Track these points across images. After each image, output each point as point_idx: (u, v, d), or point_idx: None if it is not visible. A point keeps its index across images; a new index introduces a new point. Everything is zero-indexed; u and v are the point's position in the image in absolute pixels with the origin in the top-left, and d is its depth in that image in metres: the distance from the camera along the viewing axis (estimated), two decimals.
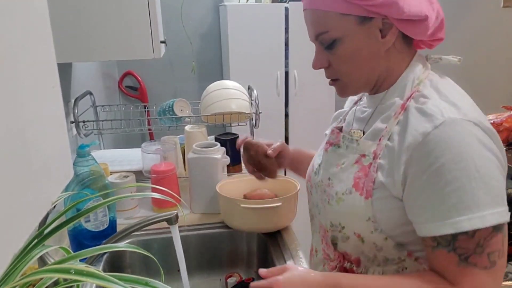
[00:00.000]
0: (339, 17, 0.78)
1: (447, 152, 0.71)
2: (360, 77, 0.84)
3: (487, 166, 0.71)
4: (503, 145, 0.77)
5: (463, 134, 0.71)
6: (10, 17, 0.45)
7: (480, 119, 0.75)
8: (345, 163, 0.86)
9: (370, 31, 0.79)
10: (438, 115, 0.73)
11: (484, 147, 0.72)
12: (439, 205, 0.72)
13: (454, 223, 0.71)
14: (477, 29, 3.27)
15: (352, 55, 0.81)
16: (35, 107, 0.50)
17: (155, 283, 0.52)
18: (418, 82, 0.81)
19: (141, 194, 1.21)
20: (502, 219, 0.71)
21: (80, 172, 1.11)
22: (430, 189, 0.73)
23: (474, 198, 0.70)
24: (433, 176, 0.72)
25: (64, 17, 1.19)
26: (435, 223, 0.72)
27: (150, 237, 1.29)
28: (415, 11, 0.77)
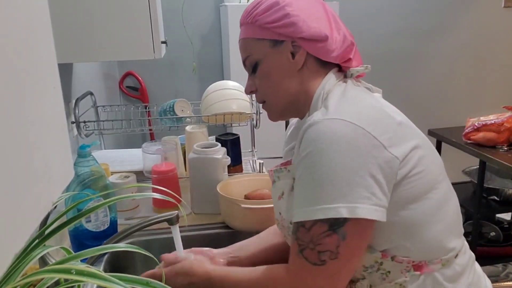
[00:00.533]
0: (256, 42, 0.90)
1: (304, 149, 0.77)
2: (278, 98, 0.92)
3: (333, 163, 0.73)
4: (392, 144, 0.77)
5: (320, 131, 0.75)
6: (11, 17, 0.45)
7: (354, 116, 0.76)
8: (284, 193, 0.91)
9: (282, 53, 0.88)
10: (308, 121, 0.79)
11: (340, 142, 0.74)
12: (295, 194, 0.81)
13: (295, 214, 0.78)
14: (478, 29, 3.27)
15: (269, 75, 0.91)
16: (36, 108, 0.50)
17: (155, 283, 0.52)
18: (326, 96, 0.86)
19: (142, 195, 1.20)
20: (338, 215, 0.72)
21: (81, 173, 1.11)
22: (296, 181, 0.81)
23: (308, 193, 0.76)
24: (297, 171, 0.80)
25: (65, 17, 1.19)
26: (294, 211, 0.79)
27: (151, 238, 1.29)
28: (315, 31, 0.85)
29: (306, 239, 0.76)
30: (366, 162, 0.73)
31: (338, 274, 0.77)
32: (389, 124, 0.79)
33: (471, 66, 3.36)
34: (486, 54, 3.34)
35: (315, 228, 0.75)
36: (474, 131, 2.37)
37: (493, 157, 2.18)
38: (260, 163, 1.69)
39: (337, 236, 0.74)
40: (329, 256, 0.75)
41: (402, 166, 0.77)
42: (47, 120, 0.54)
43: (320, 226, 0.74)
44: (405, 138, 0.79)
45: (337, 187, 0.73)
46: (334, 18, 0.91)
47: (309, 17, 0.86)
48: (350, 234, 0.74)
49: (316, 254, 0.75)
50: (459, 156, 2.47)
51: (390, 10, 3.15)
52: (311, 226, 0.75)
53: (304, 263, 0.76)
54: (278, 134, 2.86)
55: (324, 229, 0.74)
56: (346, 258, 0.76)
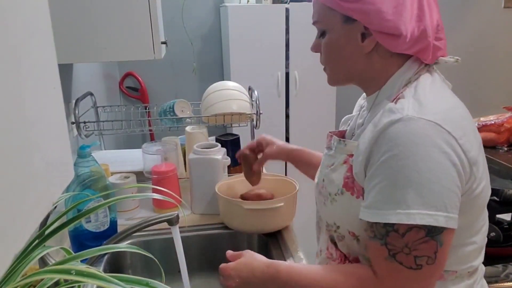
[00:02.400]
0: (328, 10, 0.84)
1: (394, 148, 0.73)
2: (339, 71, 0.89)
3: (432, 168, 0.71)
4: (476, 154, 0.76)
5: (415, 132, 0.72)
6: (11, 18, 0.45)
7: (447, 122, 0.73)
8: (334, 164, 0.88)
9: (351, 32, 0.83)
10: (398, 112, 0.74)
11: (437, 149, 0.71)
12: (376, 195, 0.75)
13: (383, 214, 0.74)
14: (478, 29, 3.27)
15: (332, 49, 0.87)
16: (36, 108, 0.50)
17: (155, 284, 0.52)
18: (406, 83, 0.82)
19: (142, 195, 1.21)
20: (436, 223, 0.71)
21: (81, 173, 1.11)
22: (374, 180, 0.76)
23: (405, 196, 0.71)
24: (378, 168, 0.75)
25: (65, 18, 1.19)
26: (369, 210, 0.76)
27: (151, 238, 1.29)
28: (387, 26, 0.78)
29: (399, 244, 0.73)
30: (456, 173, 0.73)
31: (430, 278, 0.76)
32: (475, 138, 0.79)
33: (471, 66, 3.35)
34: (486, 54, 3.34)
35: (411, 234, 0.72)
36: None
37: (493, 158, 2.18)
38: None
39: (435, 242, 0.73)
40: (427, 261, 0.73)
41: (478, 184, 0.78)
42: (47, 120, 0.54)
43: (416, 232, 0.72)
44: (479, 153, 0.79)
45: (437, 194, 0.71)
46: (421, 6, 0.80)
47: (388, 4, 0.77)
48: (445, 241, 0.74)
49: (412, 259, 0.73)
50: None
51: None
52: (406, 232, 0.72)
53: (398, 267, 0.74)
54: (278, 135, 2.87)
55: (421, 235, 0.72)
56: (441, 262, 0.75)
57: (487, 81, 3.40)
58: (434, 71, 0.85)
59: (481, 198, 0.80)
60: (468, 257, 0.84)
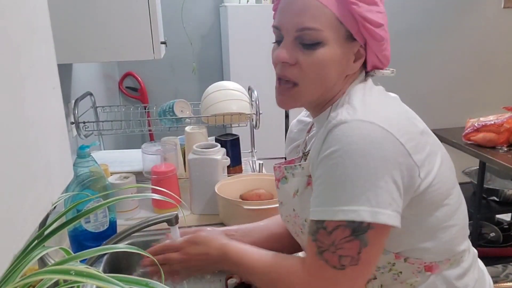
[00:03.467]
0: (335, 21, 0.77)
1: (329, 148, 0.74)
2: (315, 90, 0.83)
3: (359, 165, 0.71)
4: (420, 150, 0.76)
5: (350, 132, 0.73)
6: (11, 18, 0.45)
7: (382, 119, 0.73)
8: (299, 190, 0.87)
9: (349, 50, 0.81)
10: (333, 120, 0.76)
11: (369, 146, 0.71)
12: (314, 193, 0.77)
13: (314, 212, 0.75)
14: (477, 30, 3.27)
15: (326, 64, 0.79)
16: (35, 108, 0.50)
17: (155, 284, 0.52)
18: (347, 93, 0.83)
19: (142, 195, 1.21)
20: (358, 218, 0.70)
21: (81, 173, 1.11)
22: (316, 180, 0.77)
23: (336, 192, 0.72)
24: (318, 167, 0.77)
25: (65, 18, 1.19)
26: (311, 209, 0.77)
27: (151, 238, 1.29)
28: (387, 55, 0.84)
29: (326, 242, 0.73)
30: (391, 167, 0.72)
31: (356, 279, 0.75)
32: (414, 131, 0.78)
33: (470, 66, 3.36)
34: (486, 54, 3.34)
35: (337, 232, 0.72)
36: (474, 131, 2.37)
37: (493, 158, 2.18)
38: (260, 164, 1.69)
39: (359, 242, 0.72)
40: (350, 261, 0.73)
41: (425, 176, 0.76)
42: (47, 120, 0.54)
43: (342, 231, 0.72)
44: (426, 147, 0.78)
45: (360, 190, 0.71)
46: None
47: (388, 37, 0.83)
48: (371, 241, 0.72)
49: (336, 258, 0.73)
50: (459, 156, 2.46)
51: (390, 11, 3.14)
52: (333, 229, 0.73)
53: (323, 265, 0.74)
54: (278, 135, 2.87)
55: (346, 234, 0.72)
56: (366, 264, 0.74)
57: (487, 81, 3.40)
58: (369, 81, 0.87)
59: (443, 185, 0.80)
60: (454, 240, 0.84)
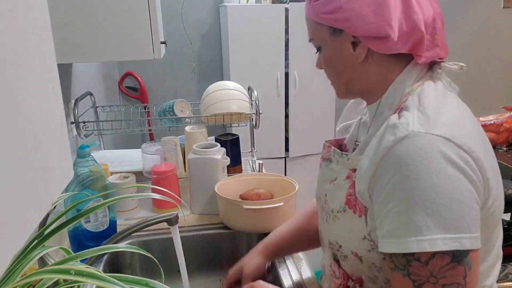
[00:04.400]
0: (316, 26, 0.84)
1: (404, 168, 0.67)
2: (340, 84, 0.87)
3: (450, 186, 0.65)
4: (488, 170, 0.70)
5: (424, 149, 0.66)
6: (10, 18, 0.45)
7: (457, 135, 0.68)
8: (337, 179, 0.84)
9: (342, 43, 0.81)
10: (403, 128, 0.69)
11: (451, 165, 0.66)
12: (392, 223, 0.69)
13: (403, 243, 0.67)
14: (477, 29, 3.27)
15: (329, 63, 0.86)
16: (35, 108, 0.50)
17: (155, 284, 0.52)
18: (408, 91, 0.78)
19: (141, 195, 1.21)
20: (461, 247, 0.65)
21: (80, 173, 1.11)
22: (387, 205, 0.70)
23: (426, 219, 0.65)
24: (390, 192, 0.69)
25: (65, 17, 1.19)
26: (387, 240, 0.70)
27: (150, 238, 1.29)
28: (371, 29, 0.75)
29: (424, 273, 0.67)
30: (473, 189, 0.68)
31: None
32: (487, 149, 0.74)
33: (470, 66, 3.35)
34: (486, 54, 3.34)
35: (435, 261, 0.66)
36: None
37: None
38: (260, 164, 1.69)
39: (463, 267, 0.66)
40: (457, 287, 0.67)
41: (494, 198, 0.73)
42: (47, 120, 0.54)
43: (440, 259, 0.66)
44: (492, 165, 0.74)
45: (458, 214, 0.65)
46: (407, 2, 0.76)
47: (367, 7, 0.74)
48: (473, 263, 0.67)
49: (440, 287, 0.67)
50: None
51: None
52: (429, 259, 0.66)
53: None
54: (278, 135, 2.87)
55: (446, 261, 0.66)
56: (471, 286, 0.68)
57: (487, 81, 3.40)
58: (437, 78, 0.81)
59: (496, 214, 0.75)
60: (481, 276, 0.78)
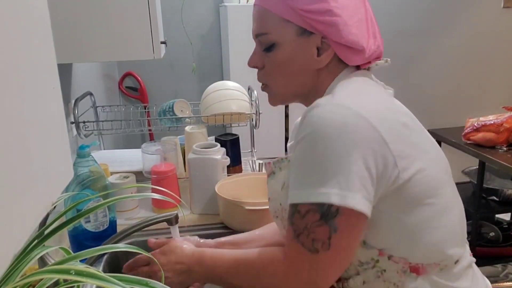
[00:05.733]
0: (280, 22, 0.80)
1: (307, 129, 0.74)
2: (287, 88, 0.87)
3: (330, 148, 0.71)
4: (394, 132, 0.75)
5: (323, 114, 0.73)
6: (10, 17, 0.45)
7: (360, 105, 0.73)
8: (285, 183, 0.86)
9: (307, 46, 0.81)
10: (314, 103, 0.76)
11: (341, 129, 0.71)
12: (291, 176, 0.77)
13: (291, 195, 0.76)
14: (477, 29, 3.27)
15: (285, 64, 0.83)
16: (35, 108, 0.50)
17: (155, 284, 0.52)
18: None
19: (141, 195, 1.21)
20: (327, 200, 0.70)
21: (80, 173, 1.11)
22: (292, 162, 0.78)
23: (303, 175, 0.73)
24: (294, 149, 0.77)
25: (64, 17, 1.19)
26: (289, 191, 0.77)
27: (150, 238, 1.29)
28: (353, 40, 0.79)
29: (301, 225, 0.74)
30: (364, 153, 0.71)
31: (330, 265, 0.75)
32: (394, 121, 0.77)
33: (470, 66, 3.36)
34: (486, 54, 3.34)
35: (309, 216, 0.73)
36: (473, 131, 2.37)
37: (492, 158, 2.18)
38: (260, 164, 1.69)
39: (328, 227, 0.72)
40: (322, 246, 0.73)
41: (403, 169, 0.75)
42: (47, 120, 0.54)
43: (313, 215, 0.72)
44: (408, 139, 0.77)
45: (331, 173, 0.71)
46: (372, 20, 0.82)
47: (351, 18, 0.78)
48: (341, 227, 0.72)
49: (310, 241, 0.74)
50: (458, 156, 2.47)
51: (389, 11, 3.15)
52: (305, 213, 0.73)
53: (300, 248, 0.75)
54: (278, 135, 2.87)
55: (316, 218, 0.72)
56: (338, 251, 0.74)
57: (486, 81, 3.40)
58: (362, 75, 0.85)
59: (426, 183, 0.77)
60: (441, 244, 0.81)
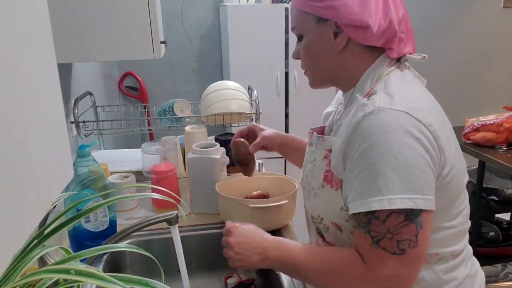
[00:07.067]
0: (302, 15, 0.90)
1: (369, 138, 0.76)
2: (316, 72, 0.94)
3: (407, 153, 0.75)
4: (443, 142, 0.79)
5: (387, 121, 0.76)
6: (11, 17, 0.45)
7: (416, 111, 0.77)
8: (316, 160, 0.93)
9: (324, 32, 0.88)
10: (371, 105, 0.79)
11: (409, 135, 0.75)
12: (357, 186, 0.78)
13: (366, 203, 0.77)
14: (477, 29, 3.27)
15: (309, 50, 0.92)
16: (35, 108, 0.50)
17: (155, 284, 0.52)
18: (377, 79, 0.86)
19: (141, 195, 1.21)
20: (416, 206, 0.74)
21: (80, 173, 1.11)
22: (354, 172, 0.79)
23: (386, 181, 0.75)
24: (357, 160, 0.78)
25: (64, 17, 1.19)
26: (354, 203, 0.79)
27: (150, 238, 1.29)
28: (355, 19, 0.83)
29: (381, 230, 0.77)
30: (429, 157, 0.77)
31: (415, 261, 0.79)
32: (446, 124, 0.84)
33: (470, 66, 3.36)
34: (485, 54, 3.34)
35: (391, 219, 0.76)
36: (473, 131, 2.37)
37: (492, 157, 2.18)
38: (260, 163, 1.69)
39: (415, 225, 0.76)
40: (409, 244, 0.76)
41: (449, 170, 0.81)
42: (46, 120, 0.54)
43: (396, 217, 0.75)
44: (453, 142, 0.84)
45: (413, 177, 0.75)
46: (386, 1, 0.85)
47: (352, 0, 0.83)
48: (425, 223, 0.77)
49: (395, 244, 0.76)
50: None
51: None
52: (387, 217, 0.76)
53: (382, 253, 0.78)
54: None
55: (401, 220, 0.75)
56: (424, 245, 0.78)
57: (486, 80, 3.40)
58: (404, 68, 0.90)
59: (454, 183, 0.83)
60: (448, 241, 0.87)
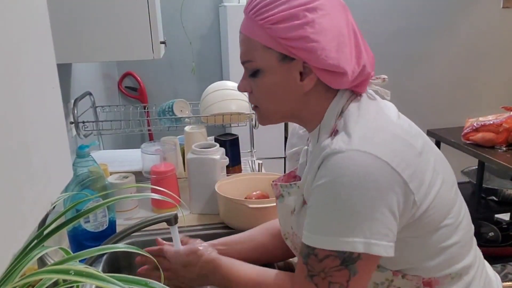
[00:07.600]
0: (263, 49, 0.80)
1: (324, 176, 0.75)
2: (276, 111, 0.87)
3: (354, 197, 0.71)
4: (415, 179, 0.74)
5: (343, 165, 0.73)
6: (10, 17, 0.45)
7: (379, 148, 0.73)
8: (296, 209, 0.88)
9: (289, 71, 0.81)
10: (331, 147, 0.75)
11: (364, 178, 0.71)
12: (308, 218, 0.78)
13: (309, 237, 0.76)
14: (477, 29, 3.27)
15: (270, 89, 0.84)
16: (34, 108, 0.50)
17: (154, 284, 0.52)
18: (339, 113, 0.82)
19: (141, 195, 1.21)
20: (353, 249, 0.71)
21: (80, 173, 1.11)
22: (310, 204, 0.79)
23: (325, 222, 0.74)
24: (313, 193, 0.77)
25: (64, 17, 1.19)
26: (305, 232, 0.78)
27: (150, 238, 1.29)
28: (333, 64, 0.77)
29: (317, 268, 0.75)
30: (388, 198, 0.72)
31: None
32: (411, 157, 0.76)
33: (470, 66, 3.36)
34: (485, 54, 3.34)
35: (328, 261, 0.73)
36: (473, 131, 2.37)
37: (491, 158, 2.18)
38: (259, 164, 1.69)
39: (348, 272, 0.73)
40: None
41: (420, 202, 0.76)
42: (46, 120, 0.54)
43: (332, 260, 0.73)
44: (425, 171, 0.77)
45: (355, 222, 0.71)
46: (357, 42, 0.81)
47: (331, 43, 0.77)
48: (361, 271, 0.73)
49: (326, 284, 0.74)
50: (458, 156, 2.47)
51: (389, 11, 3.15)
52: (324, 258, 0.74)
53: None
54: (277, 135, 2.87)
55: (336, 264, 0.73)
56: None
57: (486, 81, 3.40)
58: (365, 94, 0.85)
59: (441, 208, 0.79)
60: (456, 256, 0.83)
